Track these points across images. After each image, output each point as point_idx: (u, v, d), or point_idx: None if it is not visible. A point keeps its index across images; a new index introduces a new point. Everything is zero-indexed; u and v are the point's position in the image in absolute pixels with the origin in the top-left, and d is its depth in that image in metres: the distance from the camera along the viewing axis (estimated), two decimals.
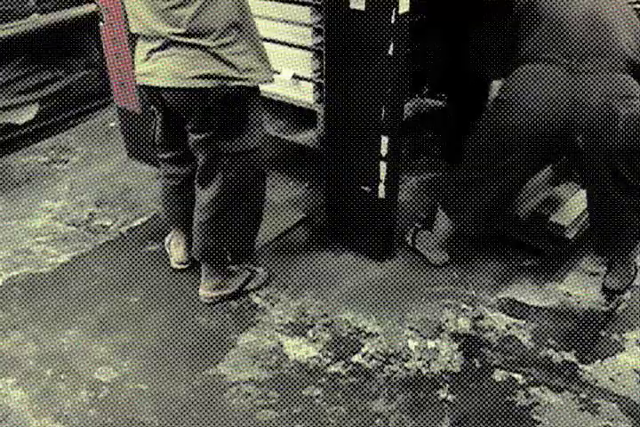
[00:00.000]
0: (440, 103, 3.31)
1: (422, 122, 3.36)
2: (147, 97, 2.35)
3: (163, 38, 2.09)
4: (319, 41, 2.66)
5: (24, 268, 2.83)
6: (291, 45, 2.77)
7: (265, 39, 2.80)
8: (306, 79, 2.79)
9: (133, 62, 2.35)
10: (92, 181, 3.53)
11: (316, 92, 2.80)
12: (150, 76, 2.17)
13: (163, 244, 2.93)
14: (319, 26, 2.61)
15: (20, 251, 2.94)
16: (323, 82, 2.66)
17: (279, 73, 2.81)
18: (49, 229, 3.09)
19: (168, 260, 2.81)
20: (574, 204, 2.87)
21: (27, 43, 3.80)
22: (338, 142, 2.70)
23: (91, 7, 3.36)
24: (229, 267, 2.64)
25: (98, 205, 3.31)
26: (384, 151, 2.53)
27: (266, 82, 2.25)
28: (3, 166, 3.73)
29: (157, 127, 2.46)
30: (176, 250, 2.79)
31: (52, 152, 3.87)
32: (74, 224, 3.15)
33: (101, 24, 3.28)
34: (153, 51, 2.13)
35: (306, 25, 2.66)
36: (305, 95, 2.83)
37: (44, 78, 3.99)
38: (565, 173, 3.14)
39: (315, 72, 2.75)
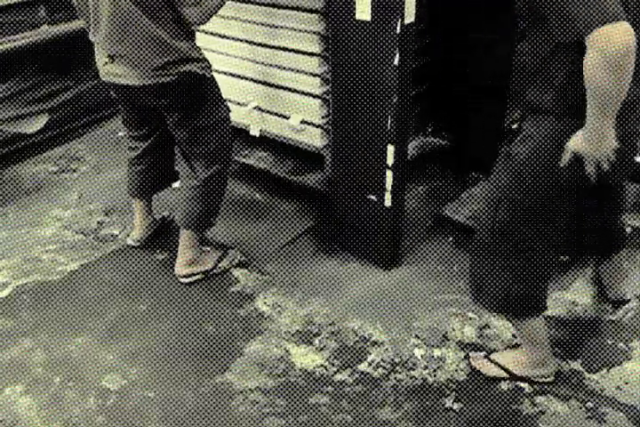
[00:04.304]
0: (444, 142, 3.38)
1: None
2: (113, 91, 2.59)
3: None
4: (326, 89, 2.72)
5: (33, 276, 2.85)
6: (300, 93, 2.83)
7: (276, 86, 2.89)
8: (314, 125, 2.85)
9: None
10: (101, 190, 3.56)
11: (324, 138, 2.85)
12: (117, 77, 2.43)
13: (172, 252, 2.95)
14: (327, 76, 2.67)
15: (29, 259, 2.97)
16: (330, 128, 2.75)
17: (288, 118, 2.88)
18: (58, 238, 3.12)
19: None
20: None
21: (37, 53, 3.84)
22: (344, 151, 2.72)
23: None
24: (203, 247, 2.88)
25: (107, 214, 3.33)
26: (390, 160, 2.54)
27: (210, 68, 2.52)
28: (13, 175, 3.76)
29: (124, 112, 2.74)
30: (133, 228, 3.06)
31: (62, 161, 3.91)
32: (83, 233, 3.17)
33: None
34: (112, 57, 2.41)
35: (315, 75, 2.72)
36: (313, 140, 2.88)
37: (54, 88, 4.03)
38: None
39: (322, 118, 2.81)
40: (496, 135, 3.28)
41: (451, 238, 3.05)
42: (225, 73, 3.12)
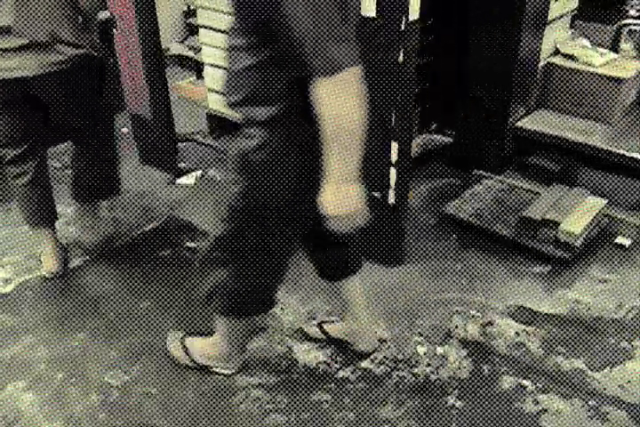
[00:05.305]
0: (448, 139, 3.37)
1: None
2: (6, 92, 2.45)
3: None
4: None
5: (36, 272, 2.85)
6: None
7: None
8: None
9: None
10: None
11: None
12: (11, 71, 2.33)
13: (175, 248, 2.95)
14: None
15: (32, 256, 2.96)
16: None
17: None
18: (61, 234, 3.10)
19: (179, 264, 2.82)
20: (583, 210, 2.87)
21: None
22: None
23: (104, 14, 3.40)
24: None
25: (110, 210, 3.33)
26: (394, 157, 2.54)
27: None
28: None
29: (6, 122, 2.54)
30: (47, 259, 2.82)
31: (65, 157, 3.90)
32: (86, 229, 3.16)
33: (115, 31, 3.31)
34: (5, 50, 2.32)
35: None
36: None
37: None
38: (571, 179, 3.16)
39: None
40: (499, 133, 3.29)
41: (454, 236, 3.05)
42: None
